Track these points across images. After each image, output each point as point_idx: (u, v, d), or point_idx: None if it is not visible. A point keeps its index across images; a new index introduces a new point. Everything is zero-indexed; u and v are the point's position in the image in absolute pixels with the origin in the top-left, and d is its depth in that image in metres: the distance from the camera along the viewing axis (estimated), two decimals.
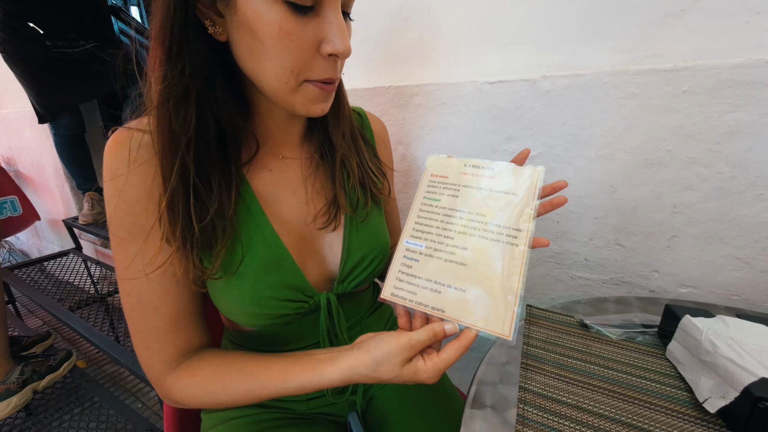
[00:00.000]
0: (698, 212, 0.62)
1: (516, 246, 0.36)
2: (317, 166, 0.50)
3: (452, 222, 0.39)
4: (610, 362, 0.48)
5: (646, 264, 0.69)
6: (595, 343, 0.52)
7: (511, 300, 0.34)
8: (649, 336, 0.53)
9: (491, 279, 0.35)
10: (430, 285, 0.37)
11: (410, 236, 0.40)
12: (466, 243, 0.37)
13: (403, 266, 0.39)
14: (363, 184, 0.51)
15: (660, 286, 0.69)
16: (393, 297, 0.38)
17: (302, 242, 0.45)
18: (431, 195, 0.42)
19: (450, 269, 0.37)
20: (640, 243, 0.68)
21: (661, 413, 0.39)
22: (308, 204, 0.48)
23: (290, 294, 0.43)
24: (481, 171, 0.40)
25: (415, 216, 0.41)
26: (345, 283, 0.49)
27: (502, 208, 0.38)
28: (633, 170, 0.65)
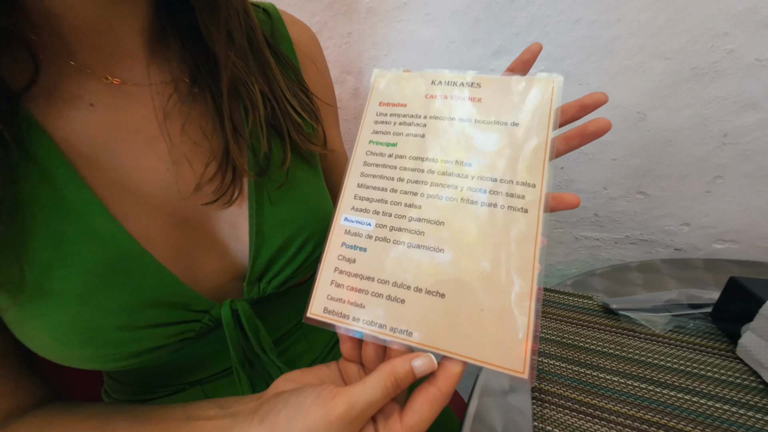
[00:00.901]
0: (757, 141, 0.45)
1: (524, 212, 0.22)
2: (188, 98, 0.28)
3: (418, 180, 0.24)
4: (659, 372, 0.32)
5: (675, 216, 0.53)
6: (630, 340, 0.36)
7: (524, 307, 0.20)
8: (701, 321, 0.38)
9: (486, 272, 0.21)
10: (387, 290, 0.23)
11: (351, 209, 0.25)
12: (441, 213, 0.23)
13: (340, 261, 0.24)
14: (277, 127, 0.31)
15: (689, 243, 0.54)
16: (327, 315, 0.23)
17: (177, 228, 0.28)
18: (381, 137, 0.26)
19: (418, 260, 0.23)
20: (670, 189, 0.52)
21: None
22: (178, 163, 0.28)
23: (156, 315, 0.26)
24: (459, 91, 0.26)
25: (357, 174, 0.26)
26: (263, 283, 0.31)
27: (498, 149, 0.24)
28: (672, 86, 0.46)
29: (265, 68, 0.30)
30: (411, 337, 0.21)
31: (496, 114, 0.24)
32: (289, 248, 0.31)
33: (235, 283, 0.31)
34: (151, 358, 0.27)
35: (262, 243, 0.30)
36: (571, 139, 0.23)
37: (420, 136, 0.25)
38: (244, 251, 0.30)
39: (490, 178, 0.23)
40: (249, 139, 0.29)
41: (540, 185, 0.22)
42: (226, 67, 0.27)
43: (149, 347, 0.26)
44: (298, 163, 0.33)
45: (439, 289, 0.22)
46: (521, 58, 0.26)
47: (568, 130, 0.23)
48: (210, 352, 0.33)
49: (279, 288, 0.32)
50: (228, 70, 0.27)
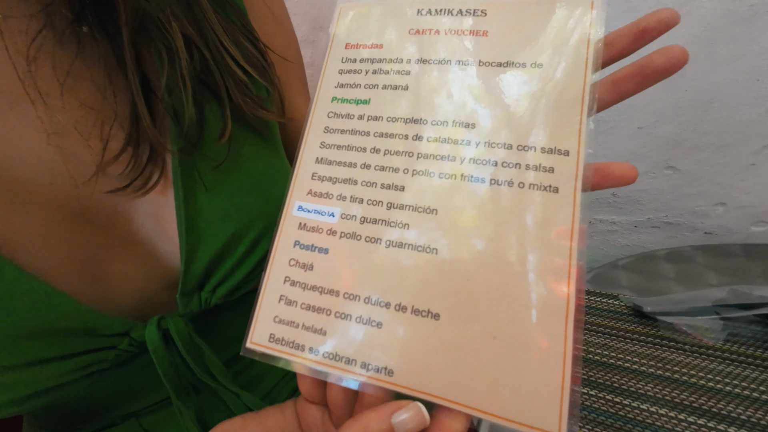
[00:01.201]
0: None
1: (554, 191, 0.15)
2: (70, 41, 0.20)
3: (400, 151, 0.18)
4: (715, 398, 0.25)
5: (709, 194, 0.45)
6: (674, 354, 0.28)
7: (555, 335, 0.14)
8: (758, 325, 0.30)
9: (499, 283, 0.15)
10: (357, 308, 0.17)
11: (307, 194, 0.19)
12: (434, 197, 0.17)
13: (292, 268, 0.18)
14: (211, 86, 0.23)
15: (722, 226, 0.46)
16: (273, 345, 0.17)
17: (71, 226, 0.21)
18: (348, 92, 0.19)
19: (401, 266, 0.17)
20: (707, 162, 0.43)
21: None
22: (63, 135, 0.20)
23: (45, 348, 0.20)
24: (456, 21, 0.18)
25: (316, 146, 0.19)
26: (205, 293, 0.25)
27: (513, 103, 0.17)
28: (723, 31, 0.37)
29: (189, 1, 0.22)
30: (391, 377, 0.15)
31: (509, 52, 0.17)
32: (236, 247, 0.24)
33: (168, 293, 0.25)
34: (44, 401, 0.21)
35: (198, 242, 0.23)
36: (624, 81, 0.15)
37: (402, 88, 0.18)
38: (175, 253, 0.24)
39: (502, 144, 0.16)
40: (168, 99, 0.21)
41: (576, 152, 0.15)
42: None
43: (44, 388, 0.21)
44: (245, 135, 0.25)
45: (431, 308, 0.16)
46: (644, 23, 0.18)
47: (618, 70, 0.15)
48: (142, 381, 0.27)
49: (228, 297, 0.26)
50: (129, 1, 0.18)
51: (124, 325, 0.22)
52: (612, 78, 0.16)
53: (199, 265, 0.23)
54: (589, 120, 0.15)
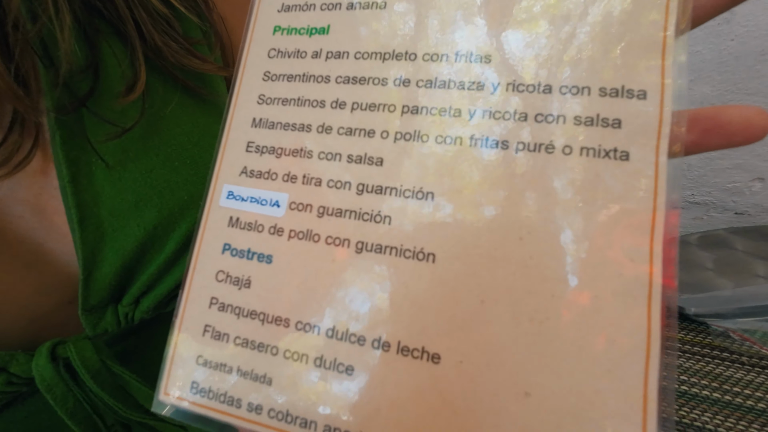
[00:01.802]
0: None
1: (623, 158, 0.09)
2: None
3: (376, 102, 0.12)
4: None
5: (746, 169, 0.39)
6: (732, 371, 0.23)
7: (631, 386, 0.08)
8: None
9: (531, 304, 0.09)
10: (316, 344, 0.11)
11: (240, 174, 0.13)
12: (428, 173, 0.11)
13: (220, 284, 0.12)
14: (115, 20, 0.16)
15: (757, 204, 0.41)
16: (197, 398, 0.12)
17: None
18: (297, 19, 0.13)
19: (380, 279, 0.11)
20: None
21: None
22: None
23: None
24: None
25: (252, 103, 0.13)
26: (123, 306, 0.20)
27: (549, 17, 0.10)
28: None
29: None
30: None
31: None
32: (163, 243, 0.19)
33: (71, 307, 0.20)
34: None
35: (101, 238, 0.18)
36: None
37: (378, 6, 0.13)
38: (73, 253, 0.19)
39: (535, 86, 0.11)
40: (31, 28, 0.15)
41: (659, 93, 0.10)
42: None
43: None
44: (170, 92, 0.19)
45: (426, 345, 0.11)
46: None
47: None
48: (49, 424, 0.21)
49: (160, 309, 0.21)
50: None
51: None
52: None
53: (107, 270, 0.18)
54: (679, 41, 0.09)
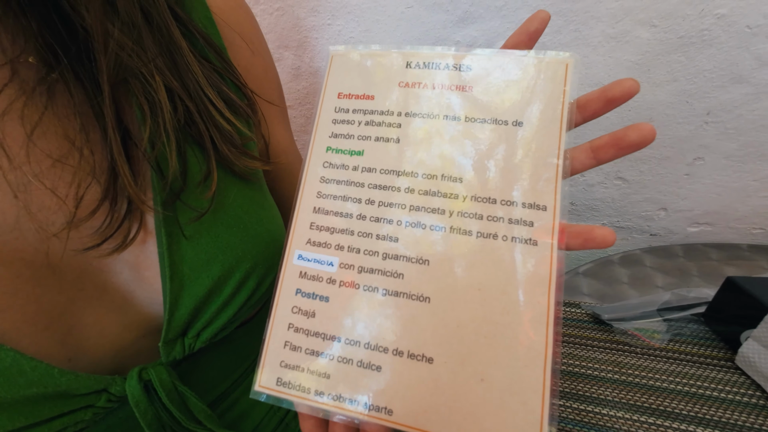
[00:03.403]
0: (740, 118, 0.42)
1: (533, 244, 0.17)
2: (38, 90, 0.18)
3: (392, 202, 0.19)
4: (664, 396, 0.28)
5: (653, 201, 0.50)
6: (630, 358, 0.32)
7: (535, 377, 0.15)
8: (695, 324, 0.34)
9: (485, 329, 0.17)
10: (358, 353, 0.18)
11: (306, 244, 0.19)
12: (426, 248, 0.18)
13: (296, 315, 0.19)
14: (196, 137, 0.23)
15: (665, 228, 0.52)
16: (281, 388, 0.18)
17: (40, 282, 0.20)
18: (343, 143, 0.20)
19: (398, 313, 0.18)
20: (650, 173, 0.48)
21: None
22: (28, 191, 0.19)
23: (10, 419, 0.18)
24: (443, 76, 0.19)
25: (312, 196, 0.20)
26: (188, 339, 0.24)
27: (497, 160, 0.18)
28: (657, 58, 0.41)
29: (172, 53, 0.21)
30: (391, 417, 0.17)
31: (492, 109, 0.18)
32: (222, 290, 0.24)
33: (147, 340, 0.24)
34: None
35: (182, 288, 0.23)
36: (603, 150, 0.17)
37: (394, 141, 0.19)
38: (155, 300, 0.23)
39: (487, 199, 0.17)
40: (150, 154, 0.20)
41: (553, 208, 0.16)
42: (106, 49, 0.17)
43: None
44: (229, 182, 0.25)
45: (425, 352, 0.17)
46: (526, 28, 0.19)
47: (597, 138, 0.17)
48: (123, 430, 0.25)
49: (213, 340, 0.25)
50: (110, 54, 0.18)
51: (101, 382, 0.21)
52: (591, 145, 0.17)
53: (183, 311, 0.23)
54: (564, 182, 0.16)
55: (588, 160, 0.17)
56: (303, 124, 0.57)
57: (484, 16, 0.42)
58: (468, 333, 0.17)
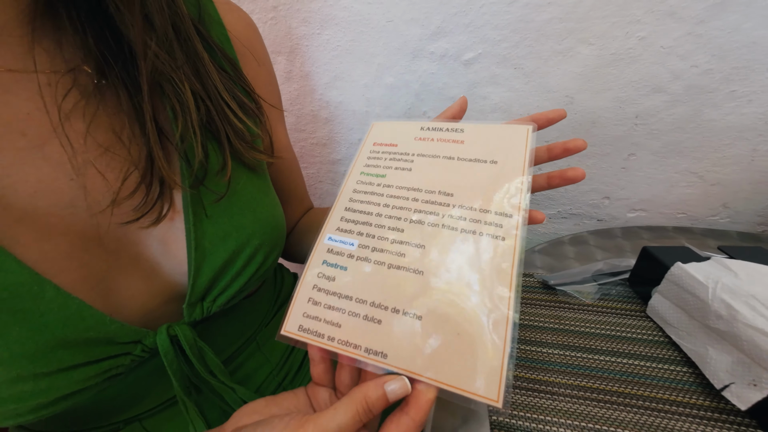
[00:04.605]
0: (663, 121, 0.51)
1: (502, 239, 0.22)
2: (93, 93, 0.23)
3: (403, 206, 0.25)
4: (591, 339, 0.36)
5: (598, 191, 0.59)
6: (567, 312, 0.39)
7: (499, 334, 0.19)
8: (621, 286, 0.43)
9: (464, 296, 0.21)
10: (365, 310, 0.22)
11: (336, 230, 0.26)
12: (423, 237, 0.24)
13: (320, 279, 0.24)
14: (214, 132, 0.27)
15: (609, 214, 0.60)
16: (302, 333, 0.23)
17: (89, 250, 0.24)
18: (372, 169, 0.28)
19: (397, 281, 0.23)
20: (594, 167, 0.57)
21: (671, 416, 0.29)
22: (84, 174, 0.23)
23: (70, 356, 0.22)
24: (444, 134, 0.28)
25: (347, 199, 0.27)
26: (207, 302, 0.28)
27: (478, 183, 0.25)
28: (595, 71, 0.49)
29: (196, 62, 0.25)
30: (386, 360, 0.20)
31: (477, 153, 0.26)
32: (236, 261, 0.28)
33: (169, 305, 0.28)
34: (68, 404, 0.23)
35: (203, 259, 0.27)
36: (554, 179, 0.27)
37: (407, 170, 0.27)
38: (179, 270, 0.27)
39: (470, 207, 0.24)
40: (180, 145, 0.25)
41: (517, 215, 0.22)
42: (145, 57, 0.22)
43: (64, 394, 0.22)
44: (240, 171, 0.29)
45: (416, 311, 0.21)
46: (547, 116, 0.28)
47: (549, 172, 0.27)
48: (146, 384, 0.29)
49: (226, 305, 0.29)
50: (149, 62, 0.22)
51: (139, 334, 0.25)
52: (546, 174, 0.27)
53: (204, 279, 0.27)
54: (527, 195, 0.23)
55: (544, 183, 0.27)
56: (294, 122, 0.62)
57: (453, 31, 0.49)
58: (450, 299, 0.21)
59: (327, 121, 0.61)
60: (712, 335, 0.30)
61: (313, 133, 0.63)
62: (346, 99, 0.58)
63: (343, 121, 0.61)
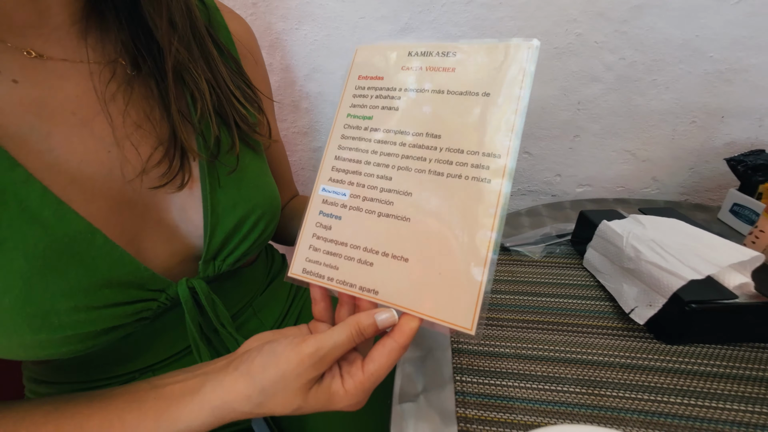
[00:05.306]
0: (600, 107, 0.59)
1: (487, 182, 0.22)
2: (128, 81, 0.28)
3: (390, 152, 0.25)
4: (537, 285, 0.43)
5: (551, 169, 0.67)
6: (518, 268, 0.47)
7: (478, 273, 0.21)
8: (565, 246, 0.50)
9: (447, 239, 0.22)
10: (358, 254, 0.24)
11: (329, 180, 0.26)
12: (410, 184, 0.24)
13: (318, 228, 0.26)
14: (224, 116, 0.32)
15: (561, 190, 0.69)
16: (305, 275, 0.25)
17: (122, 212, 0.28)
18: (358, 110, 0.27)
19: (386, 228, 0.24)
20: (546, 148, 0.64)
21: (592, 334, 0.36)
22: (121, 147, 0.27)
23: (113, 295, 0.26)
24: (434, 60, 0.25)
25: (335, 147, 0.27)
26: (218, 261, 0.32)
27: (468, 121, 0.23)
28: (543, 63, 0.56)
29: (208, 58, 0.30)
30: (377, 296, 0.23)
31: (468, 84, 0.23)
32: (242, 227, 0.32)
33: (185, 264, 0.32)
34: (106, 340, 0.27)
35: (217, 223, 0.31)
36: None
37: (395, 109, 0.25)
38: (195, 233, 0.31)
39: (457, 149, 0.23)
40: (198, 125, 0.29)
41: (506, 156, 0.21)
42: (170, 52, 0.27)
43: (106, 327, 0.26)
44: (246, 150, 0.34)
45: (403, 254, 0.23)
46: None
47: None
48: (162, 335, 0.33)
49: (234, 265, 0.34)
50: (172, 56, 0.27)
51: (164, 283, 0.29)
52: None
53: (217, 240, 0.31)
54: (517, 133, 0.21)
55: None
56: (275, 111, 0.66)
57: (420, 28, 0.55)
58: (434, 242, 0.22)
59: (307, 111, 0.66)
60: (626, 274, 0.38)
61: (295, 122, 0.67)
62: (325, 90, 0.63)
63: (322, 110, 0.65)
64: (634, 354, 0.33)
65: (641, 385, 0.30)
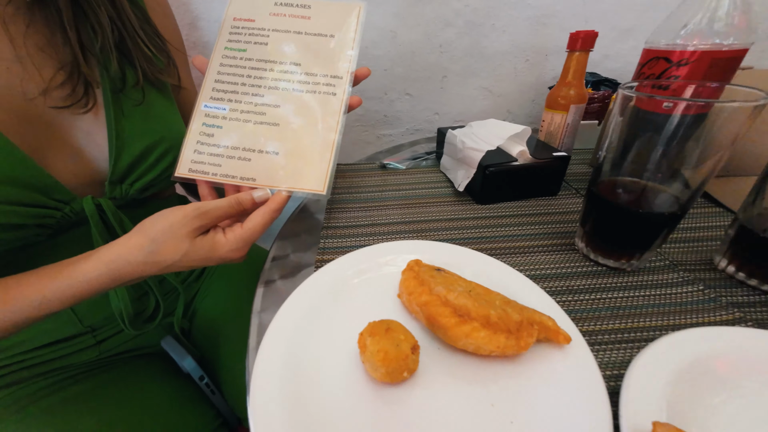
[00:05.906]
0: (457, 49, 0.71)
1: (334, 95, 0.33)
2: (28, 6, 0.30)
3: (262, 76, 0.34)
4: (401, 186, 0.54)
5: (429, 108, 0.78)
6: (390, 177, 0.57)
7: (327, 156, 0.32)
8: (431, 160, 0.62)
9: (307, 135, 0.32)
10: (238, 153, 0.32)
11: (210, 98, 0.34)
12: (278, 99, 0.33)
13: (202, 135, 0.33)
14: (127, 54, 0.34)
15: (440, 125, 0.81)
16: (192, 173, 0.32)
17: (23, 126, 0.30)
18: (234, 44, 0.35)
19: (261, 132, 0.33)
20: (423, 89, 0.75)
21: (434, 206, 0.47)
22: (22, 65, 0.29)
23: (13, 192, 0.28)
24: (294, 10, 0.35)
25: (215, 73, 0.34)
26: (125, 185, 0.35)
27: (320, 53, 0.34)
28: (407, 9, 0.65)
29: None
30: (255, 182, 0.32)
31: (320, 28, 0.34)
32: (149, 156, 0.35)
33: (92, 187, 0.34)
34: (5, 239, 0.29)
35: (123, 148, 0.33)
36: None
37: (264, 44, 0.34)
38: (101, 157, 0.33)
39: (312, 73, 0.33)
40: (100, 56, 0.32)
41: (346, 77, 0.33)
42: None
43: (5, 223, 0.28)
44: (152, 89, 0.36)
45: (275, 150, 0.32)
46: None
47: None
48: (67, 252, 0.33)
49: (142, 193, 0.36)
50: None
51: (68, 195, 0.32)
52: None
53: (122, 164, 0.34)
54: (353, 63, 0.34)
55: None
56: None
57: None
58: (298, 139, 0.32)
59: None
60: (459, 163, 0.50)
61: None
62: (212, 39, 0.65)
63: None
64: (458, 214, 0.45)
65: (459, 229, 0.42)
